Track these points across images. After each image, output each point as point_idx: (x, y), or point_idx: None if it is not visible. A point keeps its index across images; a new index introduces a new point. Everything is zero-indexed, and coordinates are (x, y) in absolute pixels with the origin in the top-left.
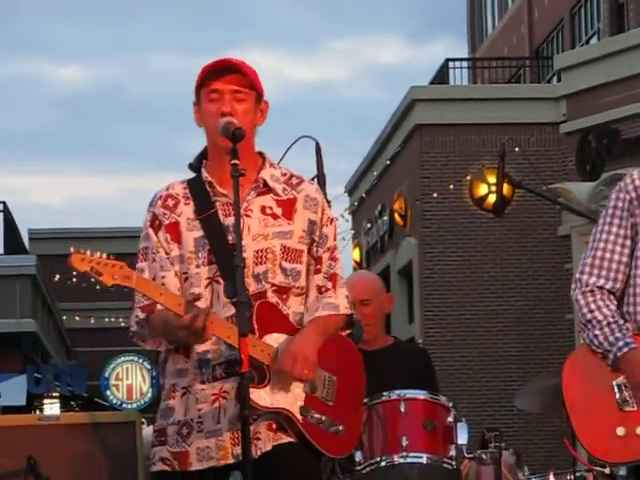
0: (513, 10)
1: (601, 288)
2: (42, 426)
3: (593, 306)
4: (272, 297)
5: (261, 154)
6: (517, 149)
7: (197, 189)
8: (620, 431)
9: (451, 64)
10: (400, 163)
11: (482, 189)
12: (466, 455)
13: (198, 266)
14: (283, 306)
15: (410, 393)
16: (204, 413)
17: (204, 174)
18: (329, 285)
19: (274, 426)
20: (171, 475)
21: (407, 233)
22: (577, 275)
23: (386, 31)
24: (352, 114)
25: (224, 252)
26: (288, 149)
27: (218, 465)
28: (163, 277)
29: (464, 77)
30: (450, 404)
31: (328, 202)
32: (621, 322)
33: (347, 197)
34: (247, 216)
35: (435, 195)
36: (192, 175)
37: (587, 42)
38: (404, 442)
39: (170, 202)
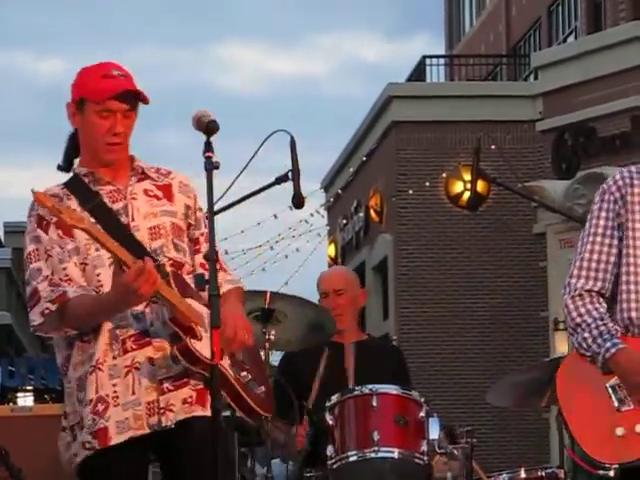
0: (491, 8)
1: (589, 291)
2: (15, 417)
3: (582, 310)
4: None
5: (131, 155)
6: (493, 147)
7: (75, 184)
8: (619, 431)
9: (428, 61)
10: (376, 159)
11: (458, 186)
12: (437, 450)
13: (97, 249)
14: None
15: (382, 388)
16: (119, 387)
17: (79, 169)
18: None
19: (189, 399)
20: (95, 459)
21: (382, 230)
22: (567, 279)
23: (366, 27)
24: (330, 109)
25: (120, 231)
26: (262, 143)
27: (135, 435)
28: (64, 268)
29: (441, 74)
30: (422, 399)
31: (303, 197)
32: (610, 324)
33: (323, 193)
34: (134, 199)
35: (411, 192)
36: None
37: (564, 40)
38: (375, 437)
39: (54, 200)
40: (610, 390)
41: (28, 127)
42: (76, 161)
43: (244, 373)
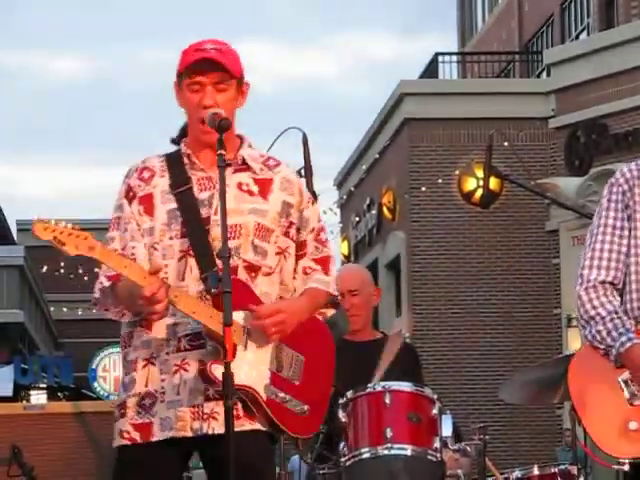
0: (503, 5)
1: (603, 283)
2: (28, 415)
3: (596, 302)
4: (242, 273)
5: (240, 136)
6: (506, 144)
7: (174, 162)
8: (633, 425)
9: (441, 58)
10: (389, 157)
11: (470, 183)
12: (450, 447)
13: (171, 238)
14: (251, 283)
15: (395, 385)
16: (166, 384)
17: (183, 148)
18: (318, 267)
19: (235, 412)
20: (132, 449)
21: (395, 227)
22: (579, 271)
23: (377, 25)
24: (342, 107)
25: (196, 226)
26: (275, 140)
27: (176, 436)
28: (133, 247)
29: (453, 71)
30: (435, 396)
31: (315, 195)
32: (624, 318)
33: (336, 190)
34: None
35: (424, 189)
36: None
37: (577, 37)
38: (388, 434)
39: (146, 174)
40: (622, 384)
41: (41, 125)
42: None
43: (282, 394)
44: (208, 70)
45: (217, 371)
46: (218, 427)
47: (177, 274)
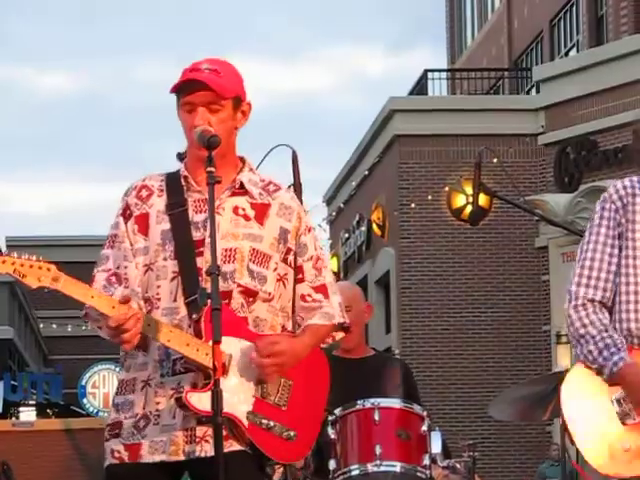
0: (492, 21)
1: (592, 301)
2: (17, 432)
3: (586, 320)
4: (238, 298)
5: (242, 159)
6: (495, 160)
7: (173, 183)
8: (625, 445)
9: (430, 75)
10: (378, 173)
11: (460, 200)
12: (440, 464)
13: (165, 259)
14: (246, 309)
15: (384, 402)
16: (162, 407)
17: (182, 169)
18: (319, 296)
19: (224, 432)
20: (121, 468)
21: (385, 243)
22: (568, 287)
23: (367, 41)
24: (332, 123)
25: (186, 249)
26: (265, 157)
27: (169, 460)
28: (125, 267)
29: (443, 88)
30: (424, 413)
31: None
32: (615, 336)
33: (325, 207)
34: (218, 214)
35: (413, 205)
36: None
37: (566, 54)
38: (378, 451)
39: (144, 193)
40: (615, 403)
41: (30, 142)
42: None
43: (265, 420)
44: (197, 91)
45: (193, 399)
46: (210, 449)
47: (169, 295)
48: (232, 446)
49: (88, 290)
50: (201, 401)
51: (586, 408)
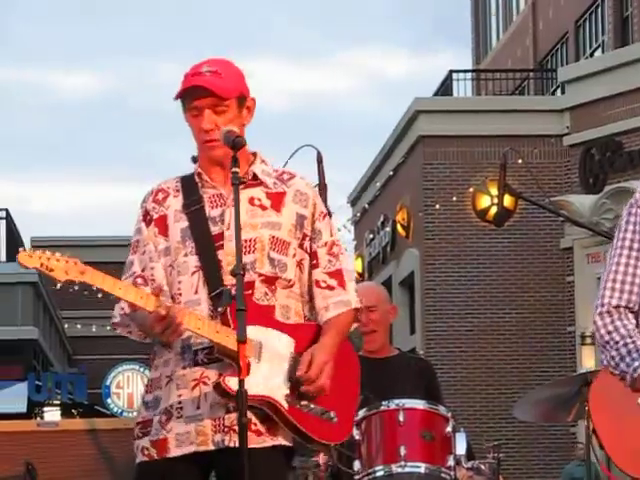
0: (518, 22)
1: (617, 307)
2: (41, 432)
3: (611, 327)
4: (260, 287)
5: (253, 153)
6: (520, 161)
7: (188, 183)
8: None
9: (455, 76)
10: (403, 174)
11: (484, 201)
12: (464, 465)
13: (186, 255)
14: (272, 297)
15: (409, 403)
16: (184, 399)
17: (195, 167)
18: (333, 282)
19: (253, 427)
20: (152, 465)
21: (409, 244)
22: (599, 293)
23: (391, 42)
24: (356, 125)
25: (206, 244)
26: (290, 157)
27: (198, 450)
28: (152, 268)
29: (468, 89)
30: (449, 414)
31: (329, 213)
32: (638, 342)
33: (350, 208)
34: (233, 207)
35: (438, 207)
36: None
37: (591, 55)
38: (402, 452)
39: (160, 196)
40: None
41: (54, 142)
42: None
43: (304, 402)
44: (201, 96)
45: (231, 383)
46: (237, 439)
47: (190, 287)
48: (265, 442)
49: (115, 282)
50: (256, 385)
51: (612, 411)
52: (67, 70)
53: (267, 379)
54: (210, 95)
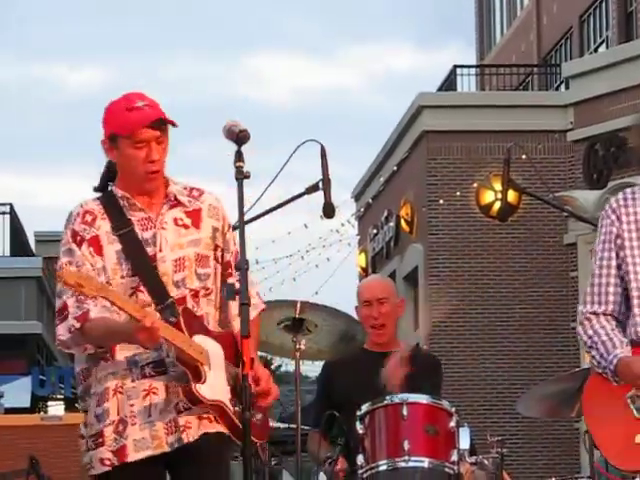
0: (522, 17)
1: (595, 313)
2: (45, 426)
3: (590, 332)
4: (189, 301)
5: (164, 176)
6: (524, 157)
7: (111, 205)
8: (639, 439)
9: (459, 71)
10: (407, 169)
11: (488, 196)
12: (467, 460)
13: (122, 277)
14: (197, 308)
15: (413, 397)
16: (136, 408)
17: (118, 192)
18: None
19: (205, 416)
20: (114, 473)
21: (413, 239)
22: (578, 307)
23: (394, 37)
24: (360, 120)
25: (144, 264)
26: (294, 152)
27: (155, 454)
28: None
29: (472, 84)
30: (452, 409)
31: (333, 207)
32: (616, 338)
33: (353, 203)
34: (163, 229)
35: (441, 202)
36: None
37: (595, 50)
38: (406, 446)
39: (88, 217)
40: (629, 400)
41: (57, 137)
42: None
43: (238, 406)
44: (155, 128)
45: (202, 390)
46: (194, 433)
47: None
48: (208, 428)
49: (126, 301)
50: (205, 391)
51: (603, 407)
52: (71, 66)
53: (214, 385)
54: (160, 127)
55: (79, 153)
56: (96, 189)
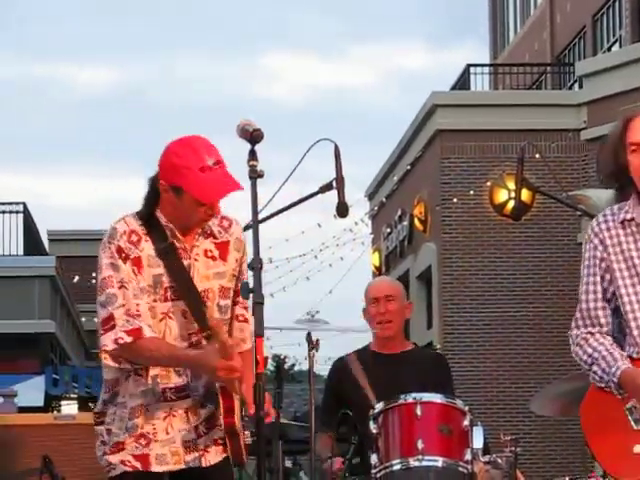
0: (535, 16)
1: (590, 333)
2: (58, 425)
3: (590, 349)
4: None
5: None
6: (537, 155)
7: (154, 229)
8: (637, 449)
9: (472, 70)
10: (420, 168)
11: (502, 195)
12: (481, 459)
13: (155, 301)
14: None
15: (426, 397)
16: (157, 426)
17: (162, 218)
18: (247, 315)
19: (219, 442)
20: (135, 475)
21: (427, 238)
22: (570, 332)
23: (408, 36)
24: (373, 119)
25: (188, 288)
26: (307, 151)
27: (173, 470)
28: (137, 305)
29: (485, 83)
30: (466, 408)
31: (347, 207)
32: (616, 352)
33: (367, 201)
34: (196, 260)
35: (455, 200)
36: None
37: (609, 49)
38: (420, 445)
39: (134, 237)
40: (627, 412)
41: (71, 136)
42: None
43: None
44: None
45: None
46: (212, 459)
47: (157, 334)
48: (224, 454)
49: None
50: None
51: (602, 418)
52: (81, 65)
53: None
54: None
55: (90, 153)
56: (140, 214)
